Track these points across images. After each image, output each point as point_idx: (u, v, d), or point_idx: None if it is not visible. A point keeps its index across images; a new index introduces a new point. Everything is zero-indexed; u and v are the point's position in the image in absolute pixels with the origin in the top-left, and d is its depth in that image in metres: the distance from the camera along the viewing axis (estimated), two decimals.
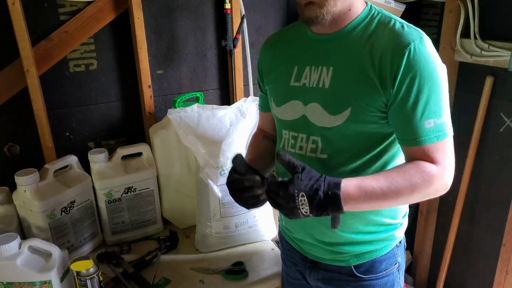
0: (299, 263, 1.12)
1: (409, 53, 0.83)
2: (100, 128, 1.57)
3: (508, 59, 1.42)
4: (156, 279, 1.28)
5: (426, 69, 0.83)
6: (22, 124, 1.43)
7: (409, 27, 0.87)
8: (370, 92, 0.87)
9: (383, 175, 0.86)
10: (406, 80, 0.83)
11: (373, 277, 1.03)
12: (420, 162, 0.86)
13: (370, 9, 0.93)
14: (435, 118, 0.85)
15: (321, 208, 0.79)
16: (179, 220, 1.58)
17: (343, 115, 0.90)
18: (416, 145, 0.86)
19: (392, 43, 0.85)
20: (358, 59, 0.89)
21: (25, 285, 1.11)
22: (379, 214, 0.99)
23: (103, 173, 1.41)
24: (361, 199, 0.82)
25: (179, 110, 1.38)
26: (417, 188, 0.84)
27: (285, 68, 1.01)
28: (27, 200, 1.26)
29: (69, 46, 1.42)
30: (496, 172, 1.63)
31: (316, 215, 0.80)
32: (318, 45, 0.96)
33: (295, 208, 0.79)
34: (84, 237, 1.42)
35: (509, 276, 1.60)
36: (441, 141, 0.86)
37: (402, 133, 0.88)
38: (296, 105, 0.98)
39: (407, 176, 0.84)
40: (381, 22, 0.90)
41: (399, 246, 1.06)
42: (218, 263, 1.37)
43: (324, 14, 0.87)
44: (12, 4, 1.26)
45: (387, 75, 0.85)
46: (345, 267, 1.03)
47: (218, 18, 1.64)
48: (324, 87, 0.93)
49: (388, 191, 0.83)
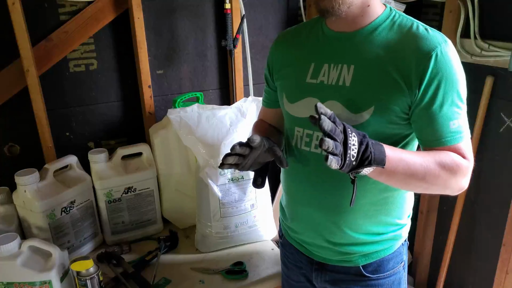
0: (304, 266, 1.11)
1: (436, 56, 0.83)
2: (100, 128, 1.57)
3: (508, 59, 1.42)
4: (156, 279, 1.28)
5: (452, 72, 0.84)
6: (22, 124, 1.43)
7: (433, 31, 0.88)
8: (394, 92, 0.87)
9: (419, 153, 0.88)
10: (433, 83, 0.84)
11: (381, 276, 1.03)
12: (453, 153, 0.87)
13: (390, 11, 0.93)
14: (458, 119, 0.87)
15: (367, 153, 0.77)
16: (179, 220, 1.58)
17: (364, 114, 0.89)
18: (441, 145, 0.87)
19: (418, 45, 0.85)
20: (380, 59, 0.88)
21: (25, 285, 1.11)
22: (389, 214, 0.99)
23: (103, 173, 1.41)
24: (397, 169, 0.82)
25: (179, 110, 1.38)
26: (443, 176, 0.85)
27: (300, 65, 1.00)
28: (27, 200, 1.26)
29: (69, 46, 1.42)
30: (496, 172, 1.63)
31: (359, 162, 0.77)
32: (337, 43, 0.95)
33: (347, 145, 0.75)
34: (84, 237, 1.42)
35: (509, 276, 1.60)
36: (463, 141, 0.88)
37: (427, 135, 0.89)
38: (313, 103, 0.95)
39: (439, 159, 0.85)
40: (404, 24, 0.90)
41: (404, 244, 1.07)
42: (218, 263, 1.37)
43: (340, 4, 0.85)
44: (12, 4, 1.26)
45: (412, 77, 0.85)
46: (353, 267, 1.03)
47: (218, 18, 1.64)
48: (345, 85, 0.91)
49: (419, 169, 0.84)
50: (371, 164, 0.77)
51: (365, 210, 0.97)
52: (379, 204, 0.97)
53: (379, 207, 0.98)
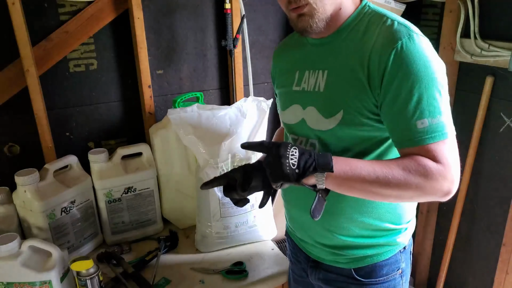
0: (302, 262, 1.13)
1: (396, 51, 0.81)
2: (100, 128, 1.57)
3: (508, 59, 1.42)
4: (156, 279, 1.28)
5: (416, 67, 0.80)
6: (22, 124, 1.43)
7: (399, 25, 0.85)
8: (359, 93, 0.86)
9: (376, 161, 0.85)
10: (394, 79, 0.81)
11: (373, 282, 1.02)
12: (419, 156, 0.81)
13: (363, 7, 0.92)
14: (429, 118, 0.80)
15: (310, 160, 0.79)
16: (179, 220, 1.58)
17: (336, 118, 0.90)
18: (411, 146, 0.82)
19: (381, 41, 0.84)
20: (349, 60, 0.88)
21: (25, 285, 1.11)
22: (378, 218, 0.97)
23: (103, 173, 1.41)
24: (348, 173, 0.80)
25: (179, 110, 1.38)
26: (411, 181, 0.79)
27: (289, 73, 1.04)
28: (27, 200, 1.26)
29: (69, 46, 1.42)
30: (496, 172, 1.62)
31: (302, 171, 0.78)
32: (315, 49, 0.98)
33: (283, 157, 0.78)
34: (84, 237, 1.42)
35: (509, 276, 1.60)
36: (438, 141, 0.80)
37: (395, 135, 0.86)
38: (297, 109, 1.00)
39: (401, 164, 0.80)
40: (374, 20, 0.89)
41: (403, 252, 1.03)
42: (218, 263, 1.37)
43: (317, 23, 0.88)
44: (12, 4, 1.26)
45: (375, 75, 0.84)
46: (345, 269, 1.03)
47: (218, 18, 1.64)
48: (320, 90, 0.94)
49: (379, 174, 0.80)
50: (316, 169, 0.79)
51: (347, 213, 0.96)
52: (360, 208, 0.96)
53: (362, 211, 0.96)
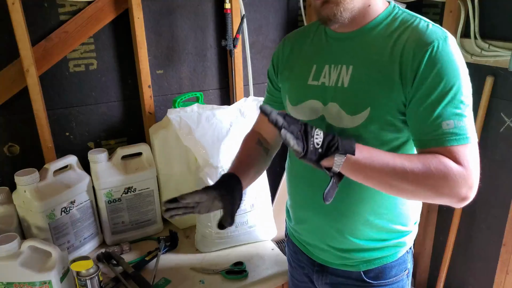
0: (306, 266, 1.10)
1: (432, 51, 0.80)
2: (100, 128, 1.57)
3: (508, 59, 1.42)
4: (156, 279, 1.28)
5: (448, 69, 0.80)
6: (22, 124, 1.43)
7: (434, 26, 0.85)
8: (389, 91, 0.84)
9: (398, 154, 0.84)
10: (426, 78, 0.80)
11: (382, 283, 1.01)
12: (442, 155, 0.80)
13: (393, 8, 0.91)
14: (455, 120, 0.80)
15: (333, 141, 0.77)
16: (179, 220, 1.58)
17: (362, 115, 0.86)
18: (433, 146, 0.81)
19: (415, 40, 0.83)
20: (378, 57, 0.86)
21: (25, 285, 1.11)
22: (391, 220, 0.96)
23: (103, 173, 1.41)
24: (368, 160, 0.79)
25: (179, 110, 1.38)
26: (430, 177, 0.78)
27: (303, 66, 0.99)
28: (27, 200, 1.26)
29: (69, 46, 1.42)
30: (496, 172, 1.62)
31: (324, 151, 0.77)
32: (338, 43, 0.94)
33: (309, 134, 0.77)
34: (84, 237, 1.42)
35: (509, 276, 1.60)
36: (462, 145, 0.80)
37: (418, 134, 0.84)
38: (316, 105, 0.95)
39: (422, 159, 0.80)
40: (405, 20, 0.87)
41: (409, 252, 1.04)
42: (218, 263, 1.37)
43: (342, 11, 0.84)
44: (12, 4, 1.26)
45: (407, 72, 0.82)
46: (354, 272, 1.01)
47: (218, 18, 1.64)
48: (343, 86, 0.90)
49: (398, 165, 0.79)
50: (338, 149, 0.77)
51: (362, 215, 0.95)
52: (375, 209, 0.95)
53: (376, 212, 0.95)
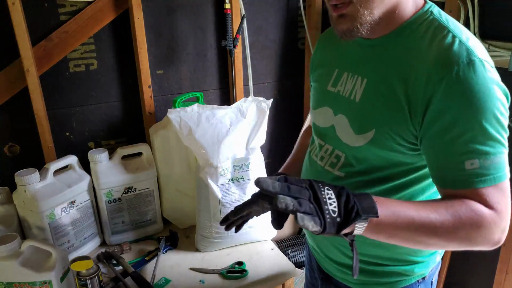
0: (315, 271, 1.09)
1: (450, 77, 0.67)
2: (100, 128, 1.57)
3: (508, 59, 1.42)
4: (156, 279, 1.28)
5: (471, 100, 0.67)
6: (22, 124, 1.43)
7: (461, 44, 0.70)
8: (395, 116, 0.74)
9: (420, 202, 0.72)
10: (443, 109, 0.69)
11: None
12: (471, 201, 0.69)
13: (425, 12, 0.77)
14: (481, 159, 0.68)
15: (350, 202, 0.64)
16: (179, 220, 1.58)
17: (366, 136, 0.79)
18: (456, 188, 0.71)
19: (434, 60, 0.70)
20: (393, 75, 0.75)
21: (25, 285, 1.11)
22: (393, 250, 0.86)
23: (103, 173, 1.41)
24: (391, 218, 0.67)
25: (179, 110, 1.38)
26: (462, 229, 0.68)
27: (327, 69, 0.92)
28: (27, 200, 1.26)
29: (69, 46, 1.42)
30: None
31: (345, 216, 0.64)
32: (359, 50, 0.85)
33: (322, 202, 0.62)
34: (84, 237, 1.42)
35: (509, 276, 1.60)
36: (488, 187, 0.68)
37: (437, 173, 0.74)
38: (328, 113, 0.89)
39: (451, 209, 0.68)
40: (432, 31, 0.74)
41: (422, 282, 0.92)
42: (218, 263, 1.37)
43: (358, 27, 0.75)
44: (12, 4, 1.26)
45: (418, 97, 0.71)
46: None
47: (218, 18, 1.64)
48: (355, 100, 0.82)
49: (425, 220, 0.67)
50: (360, 215, 0.64)
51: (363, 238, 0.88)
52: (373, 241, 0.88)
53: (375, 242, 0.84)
